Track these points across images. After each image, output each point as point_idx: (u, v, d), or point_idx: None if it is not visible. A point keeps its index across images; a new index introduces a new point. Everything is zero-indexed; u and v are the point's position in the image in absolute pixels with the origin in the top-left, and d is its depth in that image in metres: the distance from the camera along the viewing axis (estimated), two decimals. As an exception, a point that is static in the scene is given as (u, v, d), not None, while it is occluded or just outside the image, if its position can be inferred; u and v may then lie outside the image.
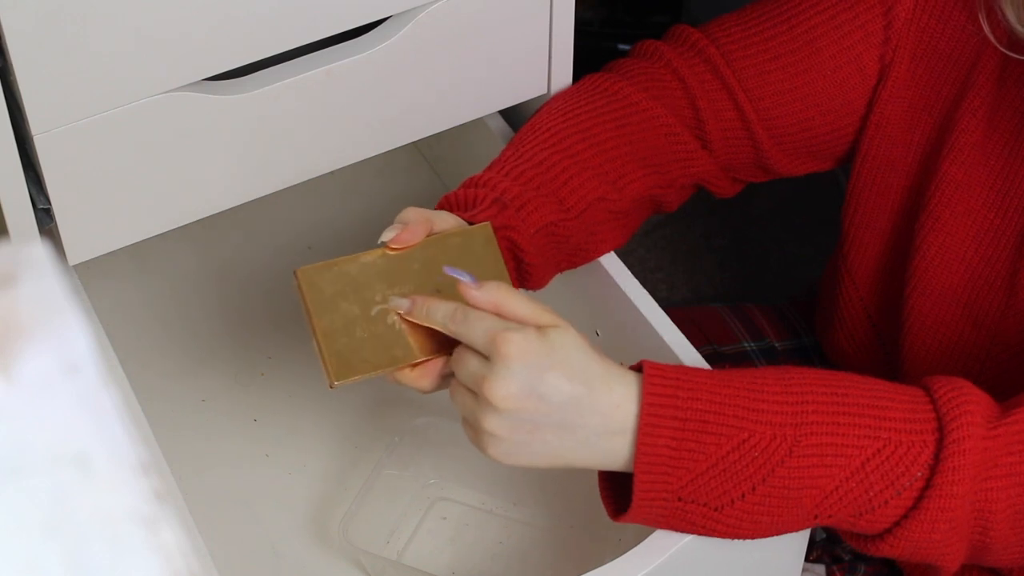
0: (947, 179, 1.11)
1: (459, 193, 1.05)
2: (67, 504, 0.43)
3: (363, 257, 0.97)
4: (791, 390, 0.93)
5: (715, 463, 0.91)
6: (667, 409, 0.91)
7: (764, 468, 0.91)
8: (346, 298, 0.96)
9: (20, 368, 0.43)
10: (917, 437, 0.92)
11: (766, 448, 0.91)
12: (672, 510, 0.93)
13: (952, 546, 0.94)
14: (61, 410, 0.44)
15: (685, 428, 0.91)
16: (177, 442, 1.17)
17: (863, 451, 0.92)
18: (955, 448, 0.91)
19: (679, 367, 0.94)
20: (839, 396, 0.93)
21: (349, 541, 1.09)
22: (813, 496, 0.92)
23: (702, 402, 0.91)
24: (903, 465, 0.92)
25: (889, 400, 0.94)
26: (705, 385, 0.92)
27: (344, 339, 0.95)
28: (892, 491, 0.92)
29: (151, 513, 0.44)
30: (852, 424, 0.92)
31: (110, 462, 0.44)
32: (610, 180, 1.09)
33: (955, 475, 0.91)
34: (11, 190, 0.99)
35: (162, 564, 0.44)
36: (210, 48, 0.99)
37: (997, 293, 1.11)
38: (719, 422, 0.91)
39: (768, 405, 0.92)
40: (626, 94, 1.13)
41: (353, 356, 0.95)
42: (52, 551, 0.43)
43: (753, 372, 0.95)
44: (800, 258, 1.82)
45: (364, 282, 0.97)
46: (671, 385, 0.91)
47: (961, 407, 0.92)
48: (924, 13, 1.11)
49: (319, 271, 0.96)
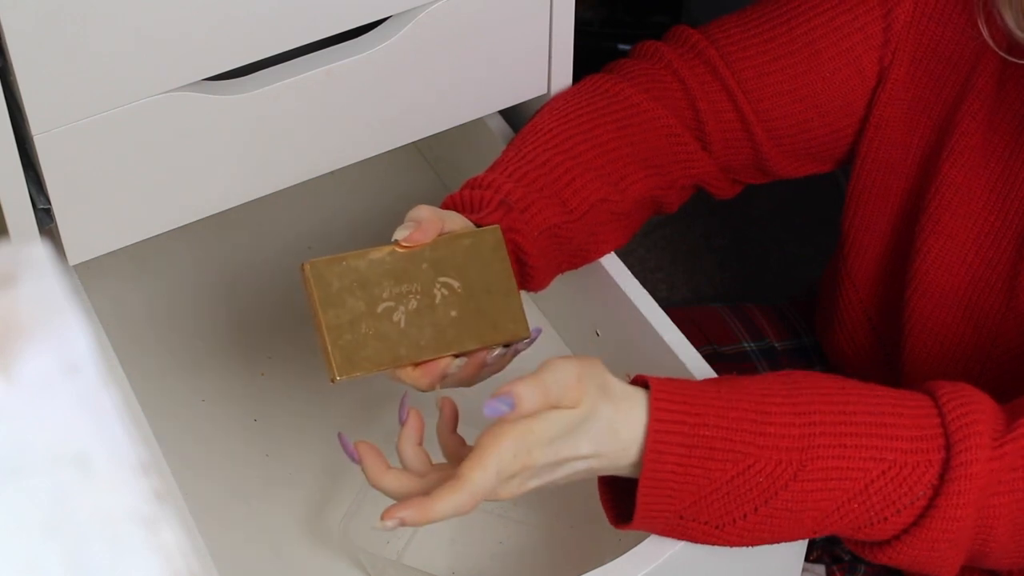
0: (947, 182, 1.11)
1: (464, 194, 1.05)
2: (67, 504, 0.43)
3: (372, 253, 0.97)
4: (799, 410, 0.92)
5: (719, 487, 0.91)
6: (674, 436, 0.90)
7: (768, 491, 0.91)
8: (353, 294, 0.96)
9: (20, 368, 0.43)
10: (922, 457, 0.92)
11: (771, 473, 0.91)
12: (673, 526, 0.93)
13: (951, 559, 0.94)
14: (61, 410, 0.44)
15: (692, 455, 0.91)
16: (177, 442, 1.17)
17: (867, 473, 0.92)
18: (962, 472, 0.91)
19: (685, 385, 0.93)
20: (846, 415, 0.93)
21: (349, 541, 1.09)
22: (814, 516, 0.93)
23: (709, 428, 0.91)
24: (906, 485, 0.92)
25: (896, 417, 0.93)
26: (712, 409, 0.91)
27: (348, 335, 0.95)
28: (893, 509, 0.92)
29: (151, 513, 0.44)
30: (858, 446, 0.92)
31: (110, 462, 0.44)
32: (612, 181, 1.09)
33: (959, 499, 0.91)
34: (11, 190, 0.99)
35: (162, 564, 0.44)
36: (210, 48, 0.99)
37: (998, 295, 1.11)
38: (726, 448, 0.91)
39: (775, 428, 0.91)
40: (627, 95, 1.13)
41: (357, 352, 0.95)
42: (52, 551, 0.43)
43: (762, 386, 0.94)
44: (800, 258, 1.82)
45: (372, 278, 0.97)
46: (678, 411, 0.91)
47: (970, 427, 0.92)
48: (924, 16, 1.10)
49: (327, 265, 0.96)
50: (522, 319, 1.00)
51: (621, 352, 1.15)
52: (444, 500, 0.87)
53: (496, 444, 0.88)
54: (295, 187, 1.12)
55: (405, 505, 0.88)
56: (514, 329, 1.00)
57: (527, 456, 0.88)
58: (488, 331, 0.99)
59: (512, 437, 0.88)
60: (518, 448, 0.88)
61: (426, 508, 0.88)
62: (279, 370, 1.24)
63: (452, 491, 0.87)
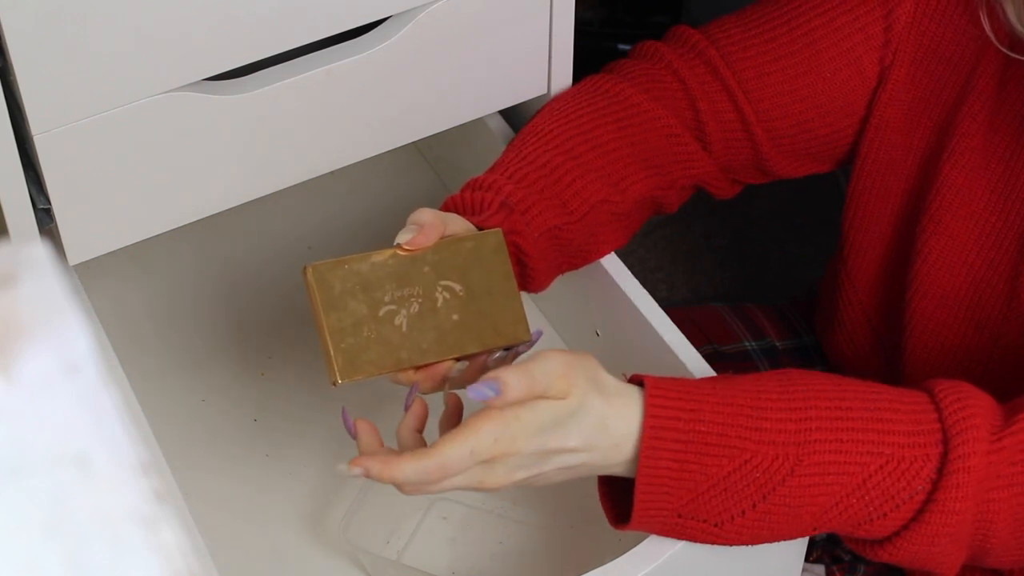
0: (948, 183, 1.11)
1: (465, 196, 1.05)
2: (67, 504, 0.43)
3: (374, 256, 0.98)
4: (794, 405, 0.92)
5: (716, 483, 0.91)
6: (669, 432, 0.91)
7: (765, 487, 0.91)
8: (355, 297, 0.96)
9: (20, 368, 0.43)
10: (920, 451, 0.92)
11: (768, 468, 0.91)
12: (671, 525, 0.93)
13: (952, 555, 0.94)
14: (61, 410, 0.44)
15: (687, 450, 0.91)
16: (177, 442, 1.17)
17: (865, 468, 0.92)
18: (960, 464, 0.91)
19: (680, 383, 0.93)
20: (842, 411, 0.93)
21: (349, 541, 1.09)
22: (812, 512, 0.93)
23: (705, 423, 0.91)
24: (904, 480, 0.92)
25: (893, 412, 0.93)
26: (708, 405, 0.91)
27: (351, 338, 0.96)
28: (891, 504, 0.92)
29: (151, 513, 0.44)
30: (855, 440, 0.92)
31: (110, 462, 0.44)
32: (612, 182, 1.09)
33: (958, 492, 0.91)
34: (11, 190, 0.99)
35: (162, 564, 0.44)
36: (210, 48, 0.99)
37: (999, 296, 1.11)
38: (721, 443, 0.91)
39: (771, 423, 0.91)
40: (627, 95, 1.13)
41: (358, 356, 0.96)
42: (52, 551, 0.43)
43: (757, 383, 0.94)
44: (800, 258, 1.82)
45: (374, 282, 0.97)
46: (673, 407, 0.91)
47: (967, 420, 0.92)
48: (925, 16, 1.10)
49: (330, 268, 0.96)
50: (523, 322, 1.01)
51: (621, 352, 1.15)
52: (410, 462, 0.88)
53: (476, 424, 0.88)
54: (295, 187, 1.12)
55: (372, 457, 0.89)
56: (515, 332, 1.00)
57: (510, 443, 0.88)
58: (489, 334, 0.99)
59: (494, 420, 0.88)
60: (500, 433, 0.88)
61: (391, 465, 0.88)
62: (279, 370, 1.24)
63: (420, 456, 0.88)
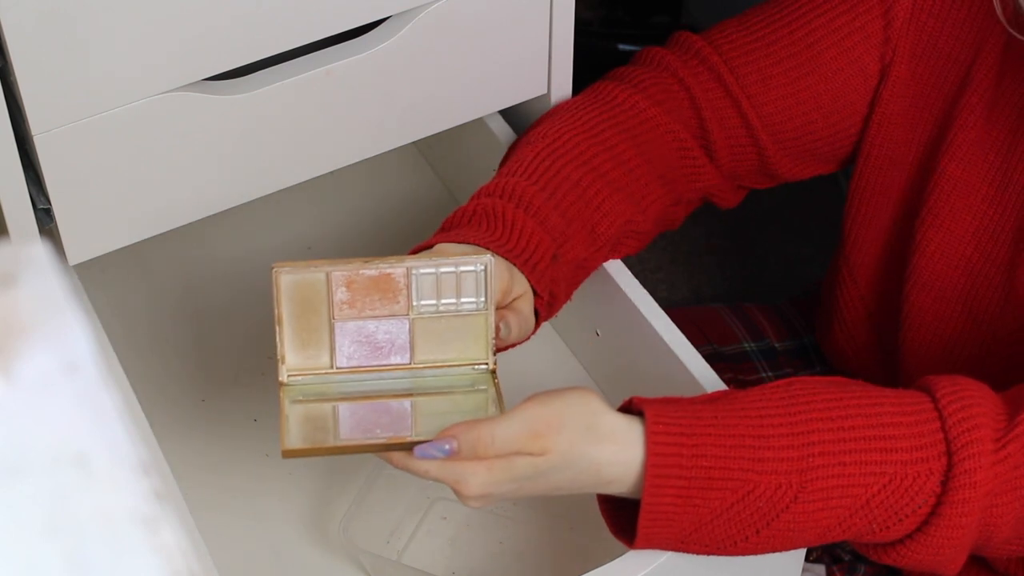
0: (946, 176, 1.11)
1: (515, 242, 1.02)
2: (67, 504, 0.43)
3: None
4: (797, 430, 0.92)
5: (719, 514, 0.91)
6: (672, 468, 0.90)
7: (769, 515, 0.91)
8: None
9: (20, 368, 0.43)
10: (923, 466, 0.92)
11: (771, 498, 0.91)
12: (674, 547, 0.94)
13: (956, 559, 0.95)
14: (61, 410, 0.44)
15: (691, 486, 0.91)
16: (177, 442, 1.17)
17: (868, 489, 0.92)
18: (965, 480, 0.91)
19: (681, 412, 0.92)
20: (844, 431, 0.92)
21: (349, 541, 1.09)
22: (816, 532, 0.93)
23: (707, 458, 0.90)
24: (908, 496, 0.92)
25: (895, 427, 0.93)
26: (710, 438, 0.91)
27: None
28: (895, 519, 0.92)
29: (151, 513, 0.44)
30: (858, 462, 0.91)
31: (110, 462, 0.44)
32: (635, 200, 1.09)
33: (965, 507, 0.91)
34: (11, 190, 0.99)
35: (162, 564, 0.44)
36: (210, 48, 0.99)
37: (996, 288, 1.11)
38: (724, 476, 0.91)
39: (774, 452, 0.91)
40: (641, 108, 1.12)
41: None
42: (52, 551, 0.43)
43: (759, 406, 0.93)
44: (800, 258, 1.82)
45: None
46: (675, 443, 0.90)
47: (972, 432, 0.91)
48: (922, 12, 1.11)
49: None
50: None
51: (621, 352, 1.15)
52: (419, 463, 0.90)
53: (460, 464, 0.89)
54: (295, 187, 1.12)
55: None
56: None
57: (492, 487, 0.90)
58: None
59: (471, 469, 0.89)
60: (482, 481, 0.89)
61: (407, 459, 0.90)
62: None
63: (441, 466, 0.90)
